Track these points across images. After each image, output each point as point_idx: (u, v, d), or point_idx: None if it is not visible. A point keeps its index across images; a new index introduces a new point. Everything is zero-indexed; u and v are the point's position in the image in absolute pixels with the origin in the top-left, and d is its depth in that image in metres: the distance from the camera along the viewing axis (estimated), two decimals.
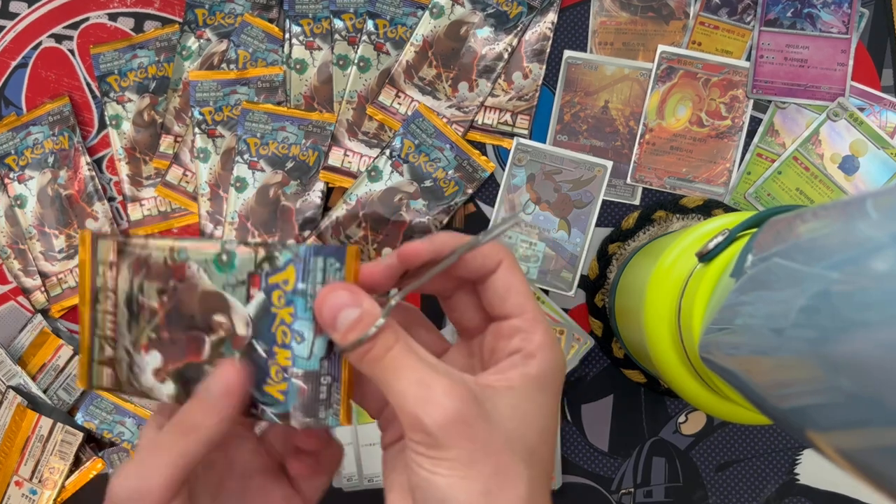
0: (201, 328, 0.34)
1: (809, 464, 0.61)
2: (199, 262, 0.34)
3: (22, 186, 0.63)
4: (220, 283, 0.34)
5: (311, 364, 0.33)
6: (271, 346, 0.33)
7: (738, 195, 0.62)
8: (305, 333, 0.33)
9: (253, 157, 0.62)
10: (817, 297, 0.27)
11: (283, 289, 0.33)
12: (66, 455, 0.61)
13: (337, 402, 0.33)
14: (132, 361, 0.36)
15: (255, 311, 0.34)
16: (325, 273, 0.33)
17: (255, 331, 0.33)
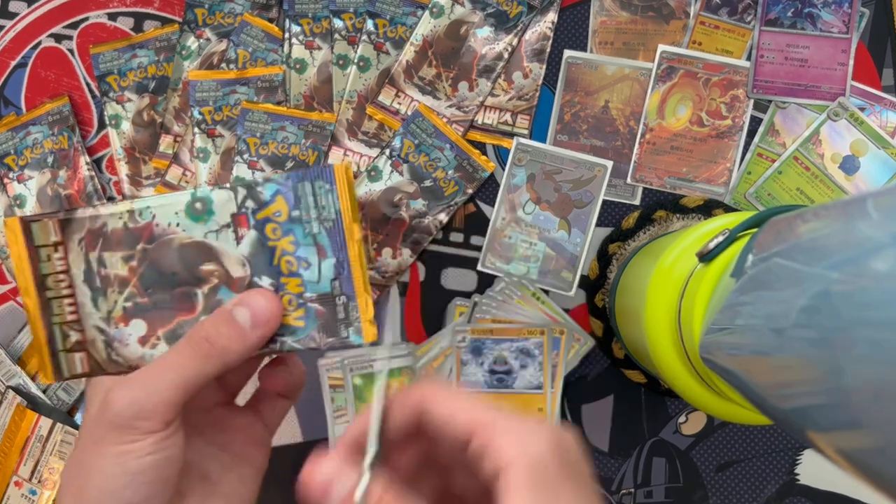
0: (188, 282, 0.34)
1: (810, 464, 0.61)
2: (167, 217, 0.34)
3: (21, 186, 0.63)
4: (199, 233, 0.34)
5: (322, 287, 0.33)
6: (277, 279, 0.33)
7: (739, 195, 0.62)
8: (310, 258, 0.33)
9: (253, 157, 0.62)
10: (818, 298, 0.27)
11: (277, 220, 0.33)
12: (65, 455, 0.61)
13: (357, 320, 0.33)
14: (109, 338, 0.35)
15: (248, 249, 0.33)
16: (317, 196, 0.33)
17: (253, 269, 0.33)
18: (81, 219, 0.34)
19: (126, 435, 0.30)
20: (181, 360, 0.31)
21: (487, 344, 0.61)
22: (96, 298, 0.34)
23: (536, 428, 0.28)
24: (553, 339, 0.60)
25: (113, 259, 0.34)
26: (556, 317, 0.62)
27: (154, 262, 0.34)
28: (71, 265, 0.34)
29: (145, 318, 0.34)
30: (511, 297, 0.62)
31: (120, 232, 0.34)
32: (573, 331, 0.61)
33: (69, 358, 0.35)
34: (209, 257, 0.34)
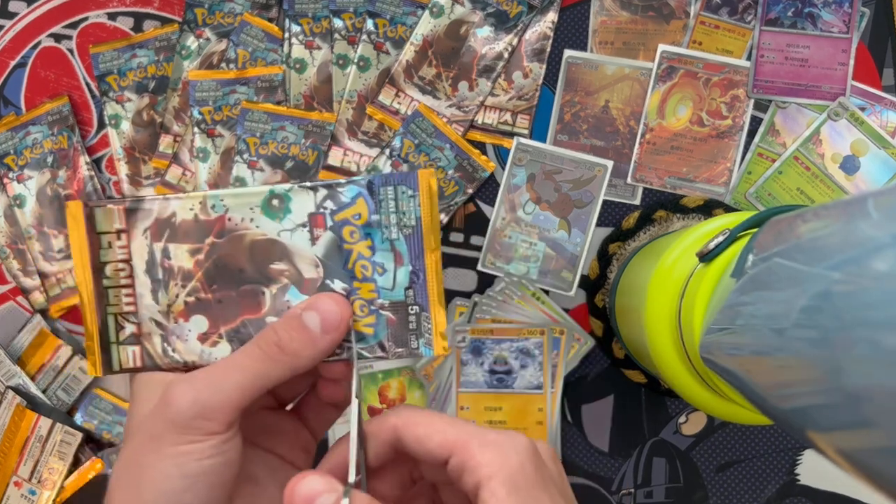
0: (256, 280, 0.33)
1: (810, 464, 0.61)
2: (241, 211, 0.33)
3: (21, 186, 0.63)
4: (273, 230, 0.33)
5: (396, 294, 0.32)
6: (350, 283, 0.32)
7: (739, 195, 0.62)
8: (386, 265, 0.32)
9: (252, 157, 0.62)
10: (818, 298, 0.27)
11: (355, 223, 0.32)
12: (65, 455, 0.61)
13: (428, 332, 0.32)
14: (166, 332, 0.33)
15: (323, 250, 0.32)
16: (398, 201, 0.32)
17: (326, 271, 0.33)
18: (150, 207, 0.33)
19: (187, 435, 0.29)
20: (249, 363, 0.30)
21: (487, 344, 0.61)
22: (157, 290, 0.33)
23: (512, 440, 0.29)
24: (553, 339, 0.60)
25: (179, 251, 0.33)
26: (556, 317, 0.62)
27: (222, 257, 0.33)
28: (133, 254, 0.33)
29: (207, 315, 0.33)
30: (511, 297, 0.62)
31: (189, 223, 0.33)
32: (573, 331, 0.61)
33: (122, 351, 0.34)
34: (281, 256, 0.33)
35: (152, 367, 0.34)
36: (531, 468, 0.29)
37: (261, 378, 0.30)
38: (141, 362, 0.34)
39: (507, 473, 0.28)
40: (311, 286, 0.33)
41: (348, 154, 0.63)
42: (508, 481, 0.28)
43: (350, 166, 0.62)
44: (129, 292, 0.33)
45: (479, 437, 0.29)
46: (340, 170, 0.62)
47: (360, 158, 0.63)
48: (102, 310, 0.33)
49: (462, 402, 0.61)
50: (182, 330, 0.33)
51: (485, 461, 0.29)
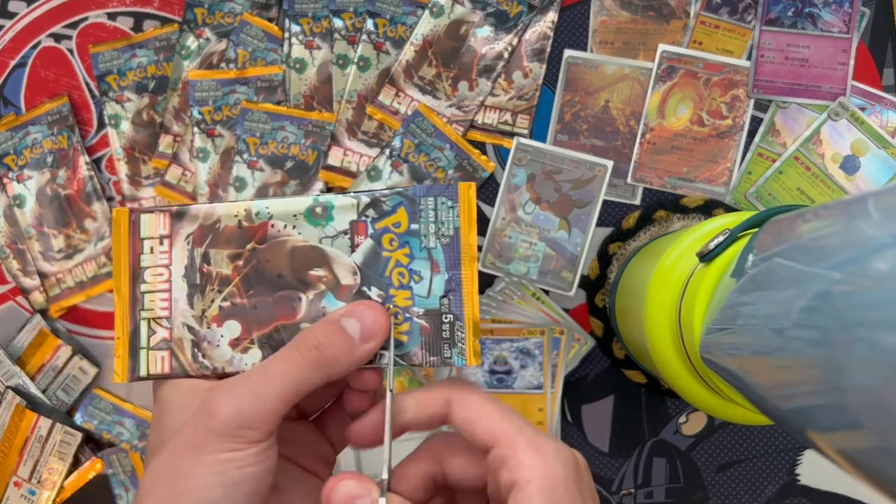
0: (293, 286, 0.33)
1: (810, 464, 0.61)
2: (285, 219, 0.33)
3: (21, 186, 0.62)
4: (315, 237, 0.33)
5: (430, 303, 0.33)
6: (387, 290, 0.33)
7: (739, 195, 0.62)
8: (423, 272, 0.33)
9: (252, 157, 0.62)
10: (819, 298, 0.27)
11: (395, 231, 0.33)
12: (64, 455, 0.61)
13: (462, 342, 0.33)
14: (198, 338, 0.33)
15: (362, 258, 0.33)
16: (437, 212, 0.33)
17: (363, 278, 0.33)
18: (195, 214, 0.34)
19: (229, 443, 0.29)
20: (288, 369, 0.30)
21: (487, 344, 0.61)
22: (193, 295, 0.34)
23: (557, 449, 0.29)
24: (553, 339, 0.60)
25: (219, 256, 0.33)
26: (556, 317, 0.61)
27: (262, 262, 0.33)
28: (173, 259, 0.34)
29: (241, 320, 0.33)
30: (511, 297, 0.62)
31: (232, 230, 0.33)
32: (573, 331, 0.61)
33: (151, 356, 0.34)
34: (320, 262, 0.33)
35: (180, 373, 0.34)
36: (572, 483, 0.29)
37: (299, 384, 0.30)
38: (169, 368, 0.34)
39: (547, 483, 0.28)
40: (348, 293, 0.33)
41: (348, 154, 0.62)
42: (547, 491, 0.28)
43: (350, 166, 0.62)
44: (164, 297, 0.34)
45: (526, 435, 0.29)
46: (340, 169, 0.62)
47: (360, 158, 0.63)
48: (136, 315, 0.34)
49: None
50: (214, 335, 0.33)
51: (527, 463, 0.28)
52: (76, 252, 0.63)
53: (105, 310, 0.63)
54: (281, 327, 0.33)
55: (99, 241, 0.63)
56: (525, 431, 0.30)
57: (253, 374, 0.30)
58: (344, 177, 0.62)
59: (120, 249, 0.34)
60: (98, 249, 0.63)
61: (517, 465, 0.29)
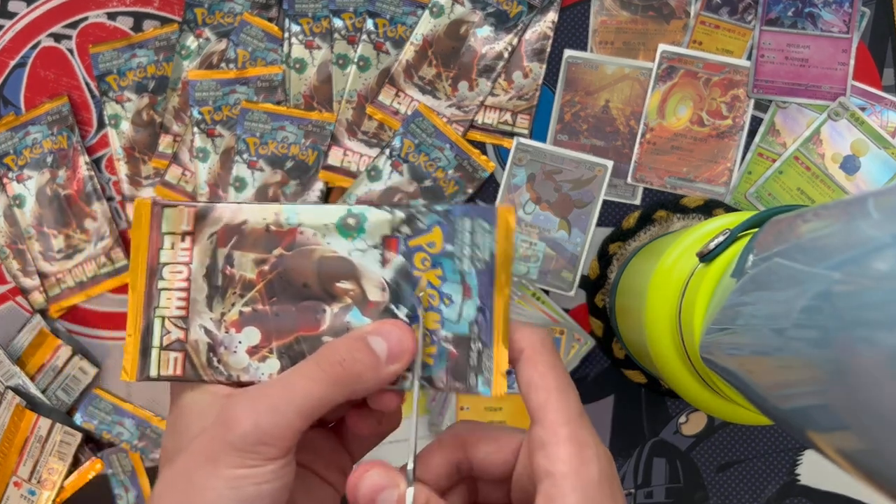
0: (318, 297, 0.32)
1: (810, 464, 0.61)
2: (315, 226, 0.32)
3: (21, 186, 0.62)
4: (345, 248, 0.32)
5: (460, 327, 0.31)
6: (415, 311, 0.32)
7: (739, 195, 0.62)
8: (454, 296, 0.31)
9: (252, 157, 0.62)
10: (819, 298, 0.27)
11: (429, 251, 0.31)
12: (64, 456, 0.61)
13: (489, 370, 0.31)
14: (215, 341, 0.32)
15: (392, 274, 0.32)
16: (474, 234, 0.31)
17: (392, 295, 0.32)
18: (221, 213, 0.32)
19: (246, 459, 0.28)
20: (309, 384, 0.29)
21: None
22: (213, 297, 0.32)
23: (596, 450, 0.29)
24: (553, 339, 0.60)
25: (244, 259, 0.32)
26: (556, 317, 0.61)
27: (288, 269, 0.32)
28: (195, 258, 0.32)
29: (261, 327, 0.32)
30: (511, 297, 0.61)
31: (259, 232, 0.32)
32: (573, 331, 0.61)
33: (163, 356, 0.32)
34: (348, 275, 0.32)
35: (193, 376, 0.32)
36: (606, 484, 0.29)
37: (321, 401, 0.29)
38: (182, 371, 0.32)
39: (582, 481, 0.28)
40: (375, 309, 0.32)
41: (348, 154, 0.62)
42: (580, 489, 0.28)
43: (350, 166, 0.62)
44: (182, 296, 0.32)
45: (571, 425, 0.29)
46: (340, 169, 0.62)
47: (360, 158, 0.63)
48: (150, 312, 0.32)
49: (462, 403, 0.61)
50: (232, 341, 0.32)
51: (565, 456, 0.28)
52: (76, 252, 0.63)
53: (105, 310, 0.63)
54: (302, 338, 0.32)
55: (99, 241, 0.63)
56: (572, 422, 0.29)
57: (273, 388, 0.29)
58: (344, 177, 0.62)
59: (139, 242, 0.32)
60: (98, 249, 0.63)
61: (555, 456, 0.28)
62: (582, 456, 0.28)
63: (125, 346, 0.32)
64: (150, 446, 0.62)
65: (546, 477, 0.28)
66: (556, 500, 0.28)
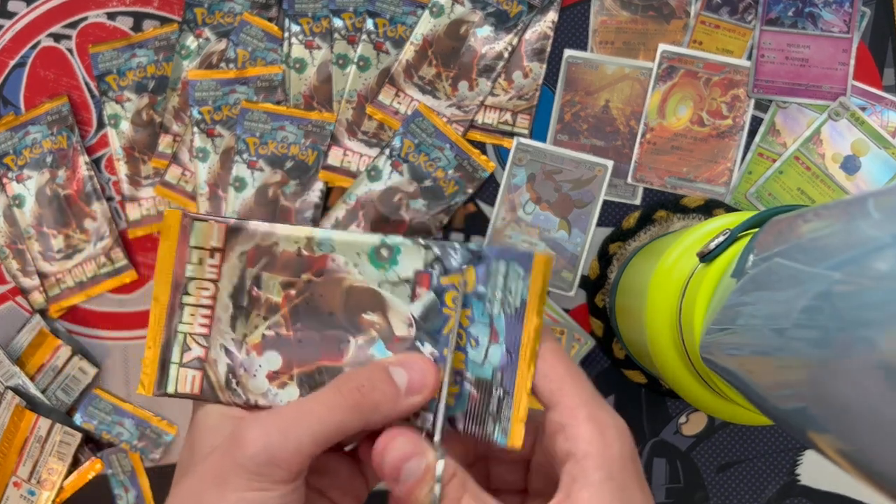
0: (343, 327, 0.31)
1: (810, 464, 0.61)
2: (347, 255, 0.31)
3: (20, 186, 0.62)
4: (375, 280, 0.31)
5: (483, 372, 0.31)
6: (441, 349, 0.31)
7: (740, 195, 0.62)
8: (481, 339, 0.31)
9: (252, 157, 0.61)
10: (819, 298, 0.27)
11: (461, 290, 0.31)
12: (64, 456, 0.61)
13: (507, 419, 0.31)
14: (235, 363, 0.32)
15: (420, 311, 0.31)
16: (507, 279, 0.30)
17: (419, 332, 0.31)
18: (253, 232, 0.31)
19: (254, 481, 0.28)
20: (325, 409, 0.29)
21: None
22: (237, 318, 0.32)
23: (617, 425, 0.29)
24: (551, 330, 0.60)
25: (271, 282, 0.31)
26: (556, 317, 0.61)
27: (315, 296, 0.31)
28: (223, 276, 0.32)
29: (283, 353, 0.31)
30: None
31: (290, 256, 0.31)
32: (573, 331, 0.61)
33: (182, 373, 0.32)
34: (376, 307, 0.31)
35: (210, 396, 0.32)
36: (629, 460, 0.28)
37: (335, 426, 0.29)
38: (199, 389, 0.32)
39: (605, 459, 0.28)
40: (400, 345, 0.31)
41: (348, 154, 0.62)
42: (604, 467, 0.28)
43: (350, 166, 0.62)
44: (206, 313, 0.32)
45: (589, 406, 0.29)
46: (340, 169, 0.62)
47: (360, 158, 0.62)
48: (172, 327, 0.32)
49: None
50: (252, 364, 0.32)
51: (586, 437, 0.28)
52: (76, 252, 0.63)
53: (105, 310, 0.63)
54: (324, 368, 0.31)
55: (99, 241, 0.63)
56: (589, 404, 0.29)
57: (287, 410, 0.29)
58: (344, 177, 0.62)
59: (166, 254, 0.31)
60: (98, 249, 0.63)
61: (576, 437, 0.28)
62: (603, 435, 0.28)
63: (144, 358, 0.32)
64: (150, 446, 0.62)
65: (568, 458, 0.28)
66: (580, 479, 0.28)
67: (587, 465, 0.28)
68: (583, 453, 0.28)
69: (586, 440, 0.28)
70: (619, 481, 0.28)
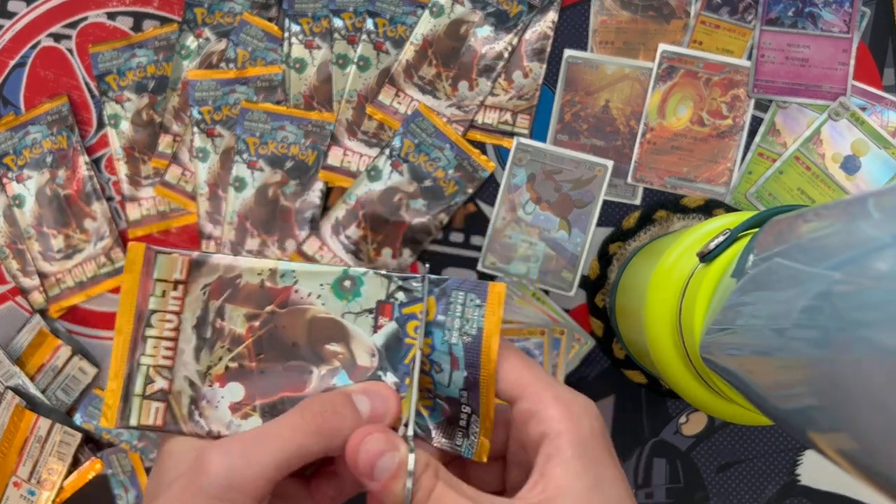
0: (306, 358, 0.32)
1: (810, 465, 0.61)
2: (310, 286, 0.32)
3: (20, 186, 0.62)
4: (338, 310, 0.32)
5: (451, 391, 0.32)
6: (403, 378, 0.31)
7: (740, 195, 0.62)
8: (443, 365, 0.31)
9: (252, 157, 0.61)
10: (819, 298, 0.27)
11: (422, 319, 0.31)
12: (64, 456, 0.61)
13: (475, 434, 0.31)
14: (198, 395, 0.32)
15: (382, 341, 0.32)
16: (465, 308, 0.31)
17: (381, 362, 0.32)
18: (216, 265, 0.32)
19: None
20: (287, 434, 0.29)
21: None
22: (200, 349, 0.32)
23: (585, 402, 0.30)
24: (553, 339, 0.60)
25: (235, 313, 0.32)
26: (556, 317, 0.61)
27: (279, 327, 0.32)
28: (186, 308, 0.32)
29: (246, 384, 0.32)
30: (511, 297, 0.61)
31: (253, 288, 0.32)
32: (573, 331, 0.61)
33: (145, 405, 0.32)
34: (339, 338, 0.32)
35: (173, 428, 0.32)
36: (599, 434, 0.30)
37: (298, 450, 0.29)
38: (162, 421, 0.32)
39: (577, 435, 0.29)
40: (362, 374, 0.32)
41: (348, 154, 0.62)
42: (577, 442, 0.29)
43: (350, 166, 0.62)
44: (169, 346, 0.32)
45: (553, 389, 0.30)
46: (340, 169, 0.62)
47: (360, 158, 0.62)
48: (135, 359, 0.32)
49: None
50: (215, 395, 0.32)
51: (556, 416, 0.29)
52: (76, 252, 0.63)
53: (105, 310, 0.63)
54: (287, 399, 0.32)
55: (99, 241, 0.63)
56: (552, 386, 0.30)
57: (250, 435, 0.29)
58: (344, 176, 0.62)
59: (129, 286, 0.32)
60: (98, 249, 0.63)
61: (547, 419, 0.29)
62: (572, 413, 0.29)
63: (106, 390, 0.32)
64: (150, 446, 0.62)
65: (543, 439, 0.29)
66: (554, 457, 0.28)
67: (560, 443, 0.29)
68: (556, 432, 0.29)
69: (557, 419, 0.29)
70: (591, 456, 0.29)
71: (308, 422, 0.30)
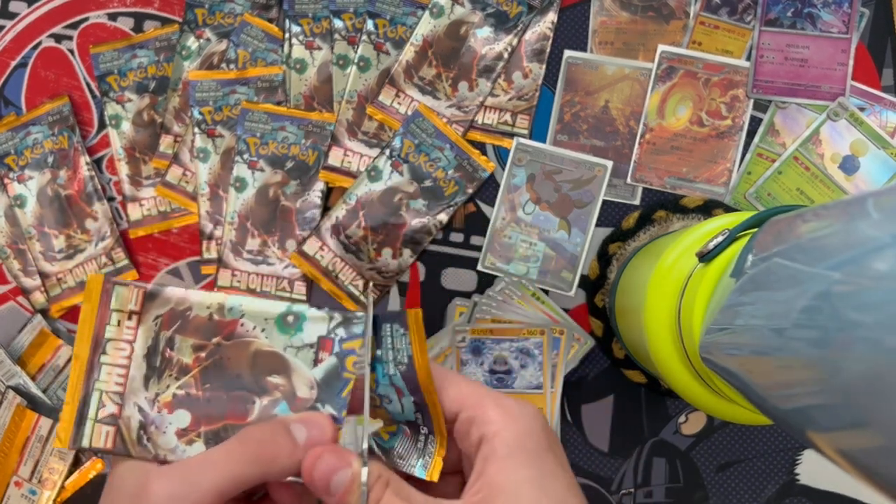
0: (250, 388, 0.33)
1: (810, 464, 0.61)
2: (256, 320, 0.33)
3: (21, 186, 0.63)
4: (280, 344, 0.33)
5: (407, 416, 0.33)
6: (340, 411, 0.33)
7: (739, 195, 0.62)
8: (391, 396, 0.33)
9: (252, 157, 0.62)
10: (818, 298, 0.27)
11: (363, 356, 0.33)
12: (65, 455, 0.61)
13: (430, 455, 0.33)
14: (147, 420, 0.33)
15: (322, 374, 0.33)
16: (393, 339, 0.33)
17: (319, 394, 0.33)
18: (168, 297, 0.34)
19: None
20: (227, 459, 0.30)
21: (487, 344, 0.61)
22: (150, 377, 0.33)
23: (525, 406, 0.31)
24: (553, 339, 0.60)
25: (184, 344, 0.33)
26: (556, 317, 0.62)
27: (224, 358, 0.33)
28: (138, 337, 0.34)
29: (192, 411, 0.33)
30: (511, 297, 0.62)
31: (202, 320, 0.33)
32: (573, 331, 0.61)
33: (97, 429, 0.33)
34: (280, 370, 0.33)
35: (122, 452, 0.33)
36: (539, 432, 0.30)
37: (236, 477, 0.30)
38: (112, 444, 0.33)
39: (513, 434, 0.30)
40: (302, 405, 0.33)
41: (348, 154, 0.63)
42: (513, 441, 0.29)
43: (350, 166, 0.62)
44: (122, 373, 0.34)
45: (493, 396, 0.31)
46: (340, 170, 0.62)
47: (360, 158, 0.63)
48: (90, 384, 0.33)
49: None
50: (163, 421, 0.33)
51: (494, 418, 0.30)
52: (77, 252, 0.63)
53: None
54: (230, 426, 0.33)
55: (100, 242, 0.63)
56: (493, 394, 0.31)
57: (192, 461, 0.30)
58: (344, 177, 0.62)
59: (87, 315, 0.33)
60: (99, 249, 0.63)
61: (486, 422, 0.30)
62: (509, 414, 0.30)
63: (62, 413, 0.33)
64: None
65: (482, 442, 0.30)
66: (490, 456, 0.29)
67: (496, 443, 0.29)
68: (492, 433, 0.30)
69: (494, 421, 0.30)
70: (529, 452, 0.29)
71: (247, 449, 0.31)
